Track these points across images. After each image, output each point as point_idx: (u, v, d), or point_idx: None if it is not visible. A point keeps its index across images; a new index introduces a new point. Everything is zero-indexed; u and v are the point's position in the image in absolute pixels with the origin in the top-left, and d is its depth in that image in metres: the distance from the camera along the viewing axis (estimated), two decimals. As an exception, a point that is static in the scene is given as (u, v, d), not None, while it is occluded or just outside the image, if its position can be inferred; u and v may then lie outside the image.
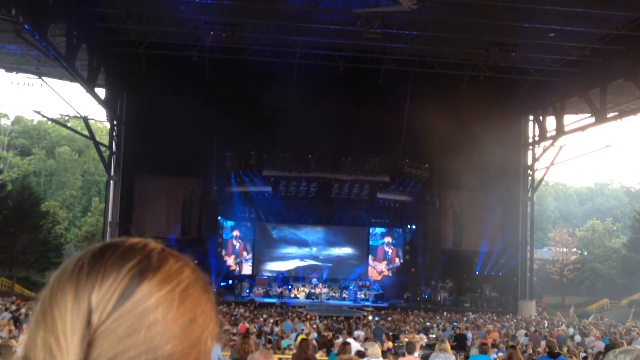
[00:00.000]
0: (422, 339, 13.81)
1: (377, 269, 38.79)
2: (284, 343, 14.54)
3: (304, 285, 35.74)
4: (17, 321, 16.81)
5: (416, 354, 10.92)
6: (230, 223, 37.55)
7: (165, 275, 0.79)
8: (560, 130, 33.20)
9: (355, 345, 10.40)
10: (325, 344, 12.57)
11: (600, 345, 16.61)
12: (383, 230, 39.16)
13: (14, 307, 21.38)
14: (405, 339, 14.90)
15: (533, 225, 38.41)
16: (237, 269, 37.58)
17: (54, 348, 0.75)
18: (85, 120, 33.48)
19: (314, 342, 12.86)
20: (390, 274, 38.53)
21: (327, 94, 31.87)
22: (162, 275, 0.79)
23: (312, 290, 35.24)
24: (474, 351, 14.46)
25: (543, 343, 16.68)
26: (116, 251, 0.81)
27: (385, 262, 38.90)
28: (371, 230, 39.24)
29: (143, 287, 0.77)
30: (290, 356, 11.58)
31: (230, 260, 37.30)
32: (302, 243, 38.58)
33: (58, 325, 0.76)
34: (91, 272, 0.78)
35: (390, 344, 13.90)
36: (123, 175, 33.95)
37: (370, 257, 38.90)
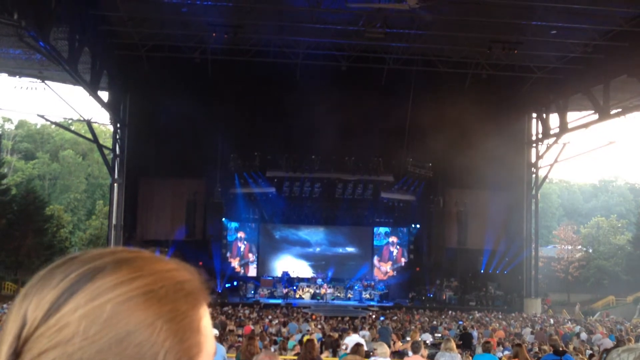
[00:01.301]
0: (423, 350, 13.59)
1: (383, 270, 38.75)
2: (290, 344, 14.54)
3: (308, 286, 35.70)
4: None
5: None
6: (234, 224, 37.59)
7: (103, 287, 0.75)
8: (563, 128, 33.14)
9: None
10: (332, 345, 12.58)
11: (608, 342, 16.57)
12: (387, 229, 39.12)
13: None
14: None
15: (537, 223, 38.34)
16: (242, 271, 37.58)
17: None
18: (89, 123, 33.53)
19: (317, 342, 12.84)
20: (395, 274, 38.51)
21: (330, 94, 31.81)
22: (96, 288, 0.75)
23: (317, 291, 35.21)
24: (479, 350, 14.44)
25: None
26: (72, 261, 0.79)
27: (390, 263, 38.86)
28: (375, 230, 39.23)
29: (73, 299, 0.75)
30: (296, 357, 11.59)
31: (235, 263, 37.30)
32: (306, 243, 38.58)
33: (2, 335, 0.76)
34: (39, 283, 0.78)
35: (400, 344, 13.77)
36: (127, 178, 33.98)
37: (375, 257, 38.87)
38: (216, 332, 12.62)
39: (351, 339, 11.72)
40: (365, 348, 10.11)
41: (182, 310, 0.78)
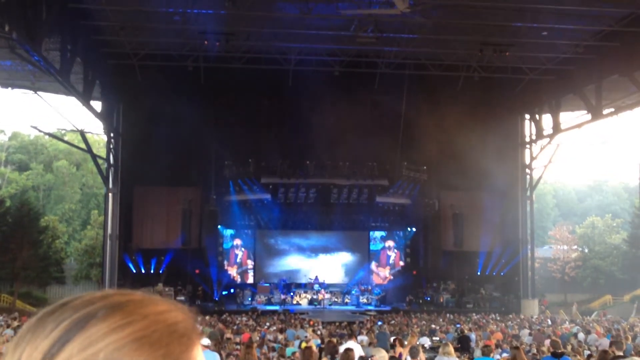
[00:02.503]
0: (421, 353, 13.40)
1: (382, 275, 38.67)
2: (288, 351, 14.48)
3: (306, 292, 35.64)
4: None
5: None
6: (230, 232, 37.50)
7: (96, 335, 0.75)
8: (556, 128, 33.24)
9: (358, 351, 10.35)
10: (331, 351, 12.51)
11: (605, 342, 16.57)
12: (383, 234, 39.10)
13: (16, 324, 21.33)
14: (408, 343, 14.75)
15: (533, 223, 38.38)
16: (241, 279, 37.43)
17: None
18: (82, 133, 33.46)
19: (315, 348, 12.78)
20: (393, 278, 38.49)
21: (323, 100, 31.90)
22: (88, 336, 0.75)
23: (315, 297, 35.15)
24: (477, 353, 14.42)
25: (547, 342, 16.63)
26: (63, 308, 0.79)
27: (388, 267, 38.80)
28: (371, 234, 39.20)
29: (67, 349, 0.74)
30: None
31: (232, 271, 37.14)
32: (302, 249, 38.50)
33: None
34: (30, 331, 0.78)
35: (401, 350, 13.64)
36: (121, 187, 33.87)
37: (373, 263, 38.80)
38: (208, 341, 12.56)
39: (344, 346, 11.67)
40: (362, 353, 10.09)
41: (175, 353, 0.79)
